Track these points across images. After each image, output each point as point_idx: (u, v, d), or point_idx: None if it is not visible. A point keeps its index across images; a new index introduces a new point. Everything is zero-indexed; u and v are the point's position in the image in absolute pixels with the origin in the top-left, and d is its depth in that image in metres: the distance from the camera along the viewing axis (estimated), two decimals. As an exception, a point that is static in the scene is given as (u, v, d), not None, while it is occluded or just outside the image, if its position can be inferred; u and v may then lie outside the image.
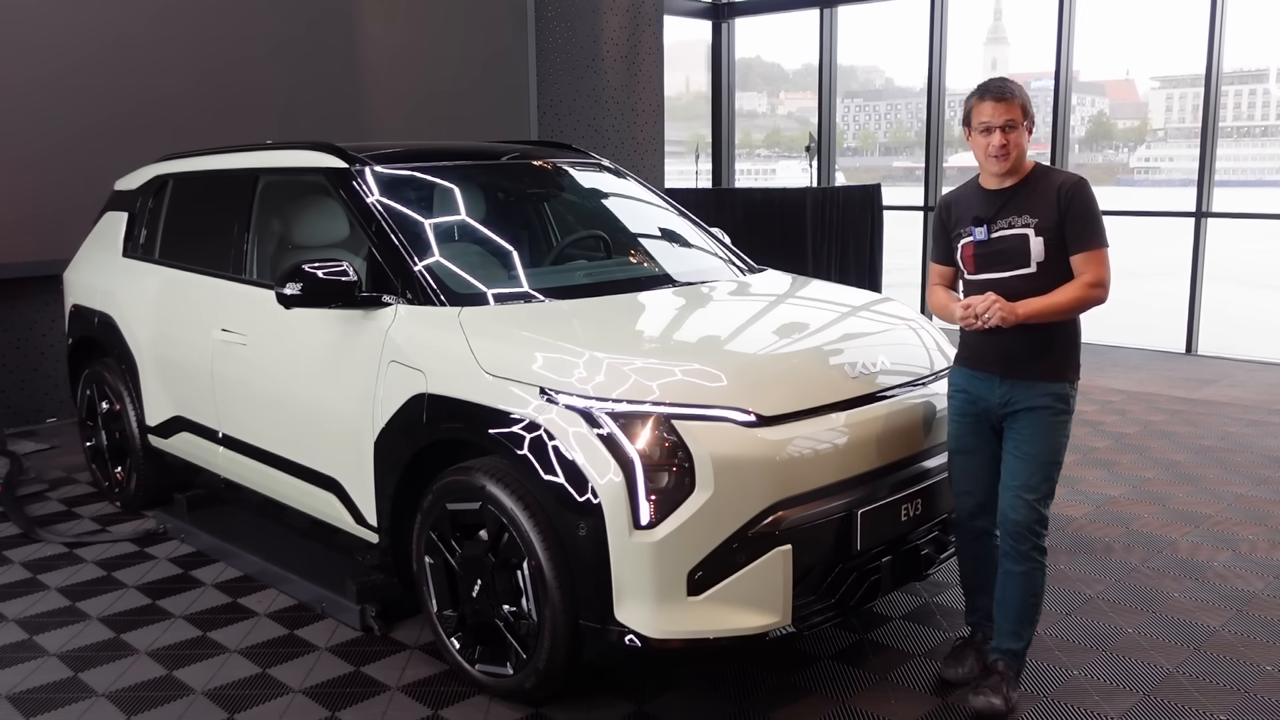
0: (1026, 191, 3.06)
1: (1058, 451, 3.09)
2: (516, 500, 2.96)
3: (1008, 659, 3.13)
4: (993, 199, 3.10)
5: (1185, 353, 8.63)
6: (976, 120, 3.05)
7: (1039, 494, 3.05)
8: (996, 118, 3.01)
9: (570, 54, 9.24)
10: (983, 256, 3.09)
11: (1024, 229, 3.03)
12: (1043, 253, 3.01)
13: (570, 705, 3.13)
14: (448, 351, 3.22)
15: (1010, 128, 3.01)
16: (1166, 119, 17.47)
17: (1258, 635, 3.57)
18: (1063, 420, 3.08)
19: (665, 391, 2.90)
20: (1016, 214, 3.05)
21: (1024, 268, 3.03)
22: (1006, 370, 3.07)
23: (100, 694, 3.28)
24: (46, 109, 6.23)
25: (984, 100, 3.04)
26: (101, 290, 5.02)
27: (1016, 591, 3.09)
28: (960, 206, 3.19)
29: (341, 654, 3.50)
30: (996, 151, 3.01)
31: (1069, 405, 3.09)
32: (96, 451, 5.20)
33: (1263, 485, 5.15)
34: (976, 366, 3.15)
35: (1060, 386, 3.06)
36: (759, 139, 16.71)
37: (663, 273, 4.07)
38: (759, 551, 2.84)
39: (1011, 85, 3.05)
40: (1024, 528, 3.04)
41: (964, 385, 3.19)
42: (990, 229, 3.07)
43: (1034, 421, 3.05)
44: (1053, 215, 3.00)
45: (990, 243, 3.07)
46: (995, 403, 3.10)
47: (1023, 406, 3.06)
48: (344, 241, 4.03)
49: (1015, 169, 3.06)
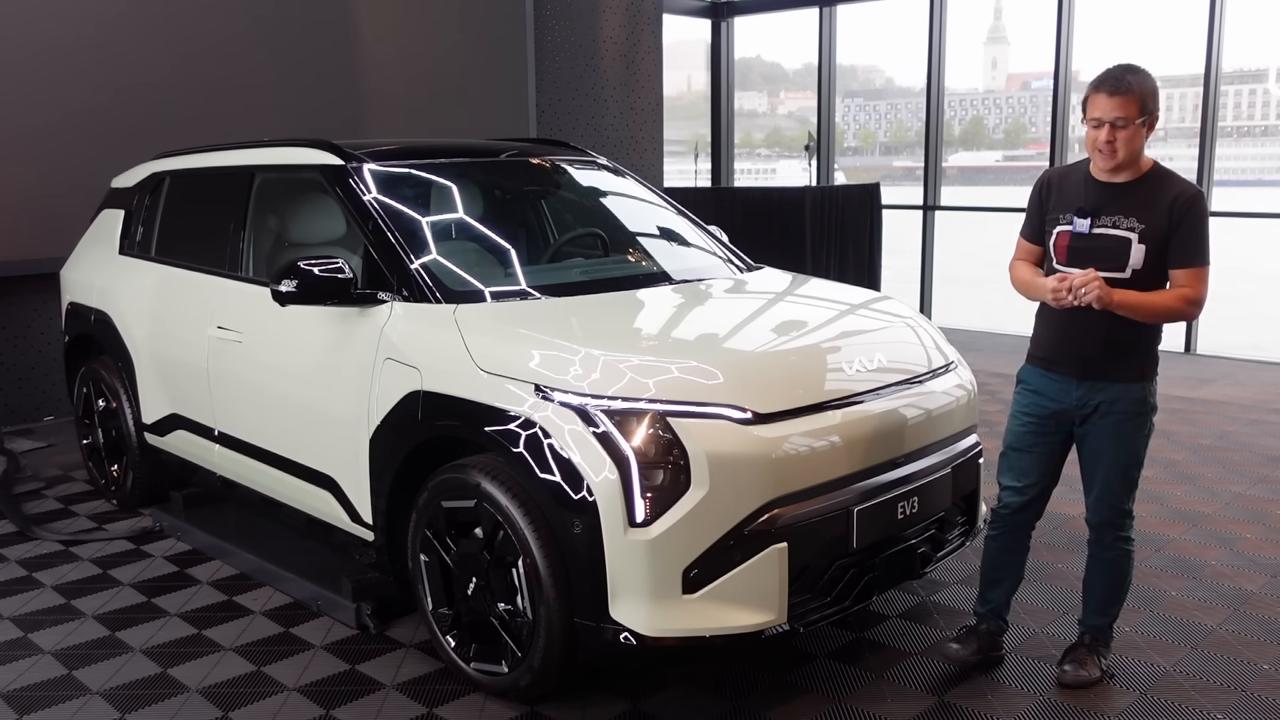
0: (1139, 192, 2.93)
1: (1138, 453, 3.06)
2: (512, 498, 2.95)
3: (1094, 632, 3.22)
4: (1101, 191, 2.96)
5: (1184, 352, 8.62)
6: (1090, 112, 2.91)
7: (1120, 495, 3.07)
8: (1109, 113, 2.85)
9: (569, 53, 9.24)
10: (1078, 250, 2.97)
11: (1128, 232, 2.91)
12: (1141, 260, 2.90)
13: (565, 704, 3.12)
14: (443, 349, 3.21)
15: (1121, 125, 2.85)
16: (1166, 119, 17.51)
17: (1255, 634, 3.56)
18: (1141, 421, 3.03)
19: (661, 389, 2.89)
20: (1124, 214, 2.92)
21: (1118, 271, 2.92)
22: (1085, 371, 3.01)
23: (95, 692, 3.27)
24: (43, 107, 6.22)
25: (1099, 92, 2.88)
26: (98, 288, 5.02)
27: (1103, 576, 3.16)
28: (1065, 189, 3.05)
29: (337, 652, 3.50)
30: (1103, 147, 2.88)
31: (1149, 405, 3.04)
32: (93, 449, 5.19)
33: (1261, 484, 5.14)
34: (1051, 367, 3.07)
35: (1139, 388, 3.01)
36: (759, 138, 16.72)
37: (660, 270, 4.07)
38: (755, 549, 2.83)
39: (1130, 78, 2.86)
40: (1107, 525, 3.10)
41: (1037, 385, 3.12)
42: (1094, 223, 2.94)
43: (1112, 426, 3.01)
44: (1161, 224, 2.88)
45: (1090, 237, 2.95)
46: (1072, 405, 3.05)
47: (1100, 410, 3.01)
48: (340, 239, 4.02)
49: (1126, 166, 2.92)
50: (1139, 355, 3.01)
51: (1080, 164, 3.07)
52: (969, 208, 10.70)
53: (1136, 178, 2.95)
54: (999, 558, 3.27)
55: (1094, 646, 3.23)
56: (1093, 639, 3.24)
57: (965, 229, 11.11)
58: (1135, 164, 2.94)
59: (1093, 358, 2.99)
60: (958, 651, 3.27)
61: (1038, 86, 22.88)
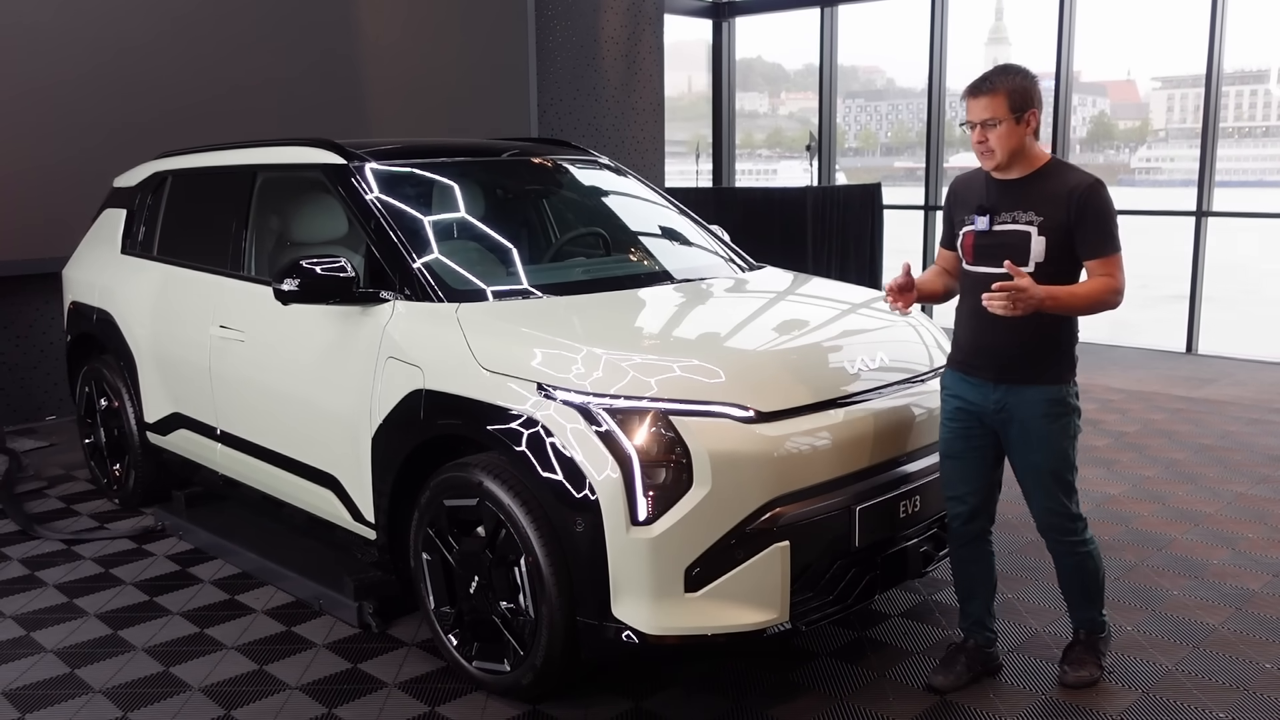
0: (1035, 186, 2.95)
1: (1067, 455, 3.02)
2: (514, 496, 2.95)
3: (1087, 626, 3.22)
4: (999, 189, 3.00)
5: (1185, 352, 8.62)
6: (965, 116, 2.98)
7: (1059, 500, 3.03)
8: (977, 114, 2.91)
9: (570, 53, 9.24)
10: (982, 248, 3.00)
11: (1026, 226, 2.93)
12: (1043, 253, 2.91)
13: (567, 702, 3.12)
14: (445, 347, 3.21)
15: (991, 125, 2.89)
16: (1168, 119, 17.47)
17: (1257, 633, 3.56)
18: (1065, 423, 3.00)
19: (663, 387, 2.89)
20: (1021, 209, 2.94)
21: (1021, 266, 2.90)
22: (1001, 374, 2.99)
23: (97, 690, 3.28)
24: (45, 107, 6.22)
25: (966, 96, 2.96)
26: (100, 287, 5.02)
27: (1074, 577, 3.15)
28: (967, 192, 3.10)
29: (339, 651, 3.50)
30: (978, 148, 2.94)
31: (1069, 406, 3.00)
32: (95, 448, 5.19)
33: (1262, 484, 5.14)
34: (970, 370, 3.06)
35: (1057, 390, 2.98)
36: (760, 139, 16.71)
37: (661, 269, 4.07)
38: (757, 548, 2.83)
39: (998, 79, 2.90)
40: (1056, 531, 3.07)
41: (957, 390, 3.11)
42: (993, 220, 2.97)
43: (1033, 430, 2.97)
44: (1060, 216, 2.89)
45: (991, 234, 2.97)
46: (990, 408, 3.02)
47: (1019, 414, 2.98)
48: (342, 238, 4.02)
49: (1013, 163, 2.95)
50: (1056, 357, 2.98)
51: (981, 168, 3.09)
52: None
53: (1031, 172, 2.96)
54: (965, 570, 3.23)
55: (1091, 642, 3.22)
56: (1088, 633, 3.23)
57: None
58: (1025, 160, 2.95)
59: (1009, 361, 2.96)
60: (944, 681, 3.18)
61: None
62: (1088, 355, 8.53)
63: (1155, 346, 8.87)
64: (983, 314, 2.91)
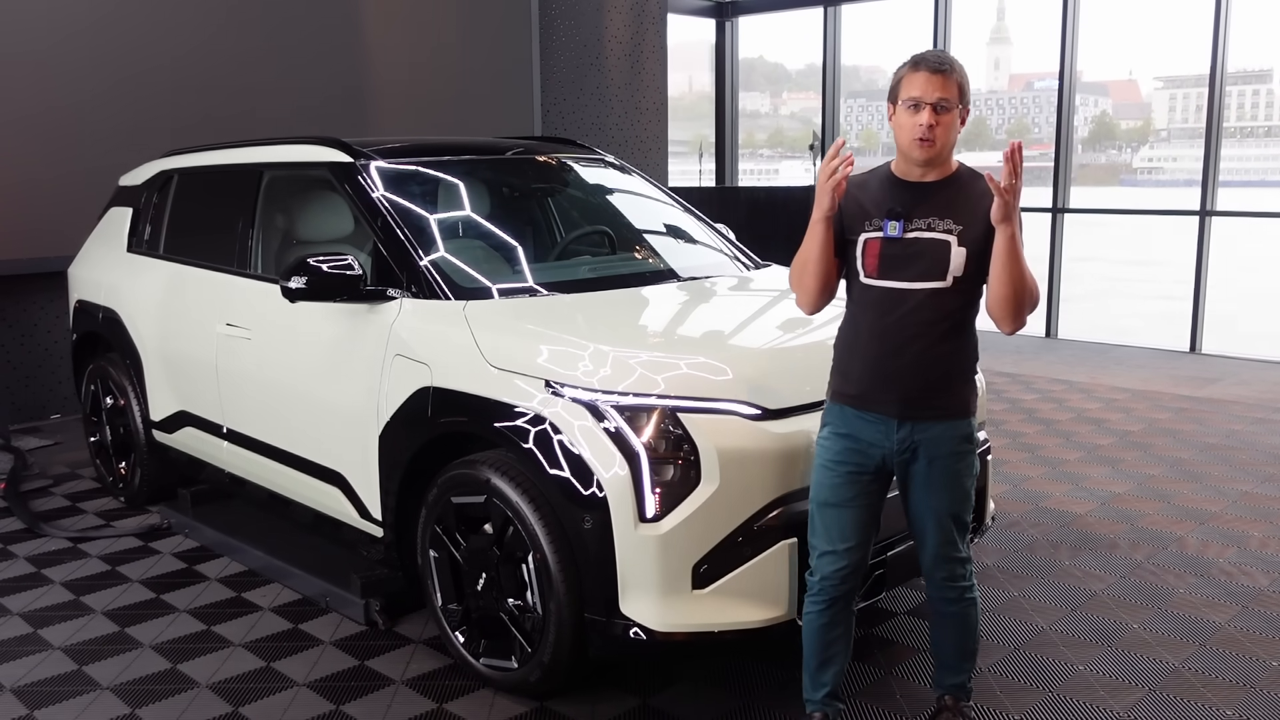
0: (951, 191, 2.58)
1: (969, 494, 2.68)
2: (522, 494, 2.95)
3: (955, 691, 2.86)
4: (911, 192, 2.59)
5: (1190, 351, 8.62)
6: (905, 94, 2.54)
7: (955, 543, 2.69)
8: (931, 93, 2.50)
9: (574, 52, 9.25)
10: (891, 257, 2.57)
11: (945, 234, 2.54)
12: (962, 266, 2.53)
13: (575, 699, 3.13)
14: (453, 345, 3.21)
15: (943, 108, 2.51)
16: (1170, 119, 17.47)
17: (1263, 631, 3.56)
18: (970, 460, 2.67)
19: (670, 385, 2.90)
20: (938, 215, 2.55)
21: (938, 280, 2.54)
22: (905, 410, 2.58)
23: (105, 687, 3.28)
24: (50, 106, 6.23)
25: (917, 71, 2.53)
26: (106, 286, 5.03)
27: (953, 632, 2.79)
28: (866, 195, 2.64)
29: (346, 648, 3.50)
30: (925, 133, 2.51)
31: (975, 441, 2.68)
32: (101, 447, 5.20)
33: (1268, 483, 5.14)
34: (865, 405, 2.62)
35: (966, 424, 2.64)
36: (762, 139, 16.72)
37: (667, 268, 4.07)
38: (764, 545, 2.84)
39: (951, 60, 2.55)
40: (947, 578, 2.72)
41: (848, 427, 2.65)
42: (906, 225, 2.56)
43: (939, 470, 2.62)
44: (980, 225, 2.51)
45: (903, 242, 2.56)
46: (891, 449, 2.61)
47: (926, 453, 2.61)
48: (349, 236, 4.03)
49: (940, 161, 2.58)
50: (964, 386, 2.64)
51: (879, 169, 2.71)
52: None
53: (947, 177, 2.60)
54: (827, 635, 2.73)
55: (959, 709, 2.86)
56: (955, 699, 2.87)
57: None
58: (946, 162, 2.60)
59: (917, 393, 2.58)
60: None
61: (1040, 87, 22.92)
62: (1091, 354, 8.58)
63: (1160, 346, 8.87)
64: (885, 337, 2.58)
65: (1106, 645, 3.47)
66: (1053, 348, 8.96)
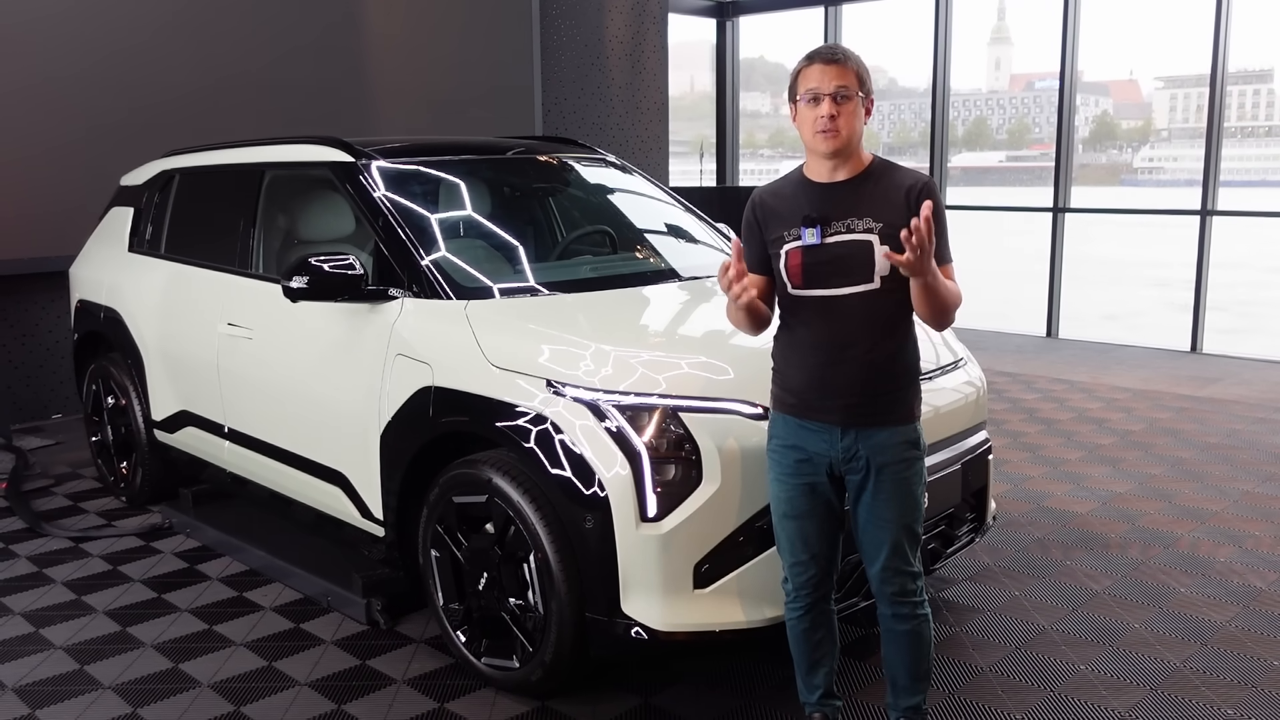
0: (867, 188, 2.51)
1: (918, 503, 2.61)
2: (523, 493, 2.96)
3: (911, 715, 2.76)
4: (825, 194, 2.52)
5: (1190, 351, 8.62)
6: (803, 88, 2.49)
7: (906, 556, 2.61)
8: (827, 83, 2.45)
9: (575, 52, 9.25)
10: (814, 266, 2.49)
11: (865, 234, 2.46)
12: (888, 265, 2.43)
13: (576, 699, 3.13)
14: (454, 345, 3.22)
15: (843, 97, 2.44)
16: (1170, 119, 17.48)
17: (1264, 630, 3.56)
18: (918, 467, 2.59)
19: (672, 384, 2.90)
20: (856, 215, 2.48)
21: (866, 282, 2.47)
22: (848, 418, 2.52)
23: (107, 686, 3.28)
24: (52, 105, 6.24)
25: (812, 64, 2.49)
26: (107, 285, 5.03)
27: (907, 651, 2.69)
28: (780, 203, 2.58)
29: (347, 647, 3.51)
30: (825, 125, 2.44)
31: (921, 446, 2.62)
32: (102, 446, 5.20)
33: (1269, 482, 5.14)
34: (806, 414, 2.57)
35: (911, 429, 2.58)
36: (762, 139, 16.74)
37: (668, 267, 4.07)
38: (766, 544, 2.84)
39: (844, 50, 2.51)
40: (898, 594, 2.63)
41: (793, 439, 2.60)
42: (824, 231, 2.48)
43: (889, 480, 2.55)
44: (900, 220, 2.41)
45: (824, 249, 2.48)
46: (836, 457, 2.56)
47: (872, 461, 2.54)
48: (350, 236, 4.03)
49: (848, 153, 2.50)
50: (906, 390, 2.58)
51: (790, 175, 2.63)
52: (972, 207, 10.71)
53: (860, 173, 2.52)
54: (810, 638, 2.74)
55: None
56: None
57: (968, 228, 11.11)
58: (856, 156, 2.52)
59: (858, 400, 2.52)
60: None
61: (1041, 87, 22.92)
62: (1092, 354, 8.58)
63: (1161, 345, 8.87)
64: (821, 346, 2.53)
65: (1107, 644, 3.47)
66: (1054, 347, 8.97)
